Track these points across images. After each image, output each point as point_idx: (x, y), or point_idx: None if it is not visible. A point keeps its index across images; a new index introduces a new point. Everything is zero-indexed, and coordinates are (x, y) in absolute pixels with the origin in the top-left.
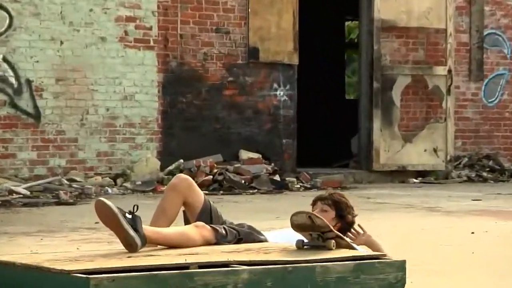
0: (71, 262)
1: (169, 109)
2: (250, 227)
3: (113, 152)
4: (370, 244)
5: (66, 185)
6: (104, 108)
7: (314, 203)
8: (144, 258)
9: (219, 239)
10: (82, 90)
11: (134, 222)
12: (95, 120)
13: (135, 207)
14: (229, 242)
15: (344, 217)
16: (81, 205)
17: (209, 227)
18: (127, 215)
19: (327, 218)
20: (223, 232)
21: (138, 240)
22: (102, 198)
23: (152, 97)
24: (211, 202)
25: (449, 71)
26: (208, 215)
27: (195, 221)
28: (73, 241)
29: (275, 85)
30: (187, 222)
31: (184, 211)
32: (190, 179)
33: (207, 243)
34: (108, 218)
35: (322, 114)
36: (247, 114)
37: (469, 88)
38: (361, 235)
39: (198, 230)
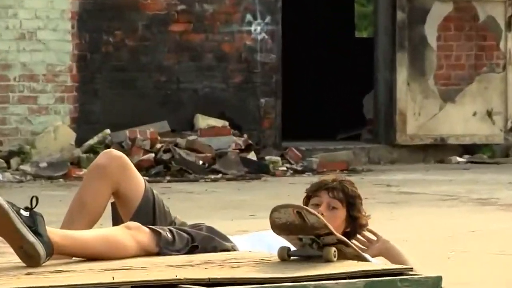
0: None
1: (89, 54)
2: (210, 229)
3: (4, 119)
4: (388, 253)
5: None
6: None
7: (314, 194)
8: (51, 276)
9: (163, 247)
10: None
11: (34, 223)
12: None
13: (34, 200)
14: (179, 252)
15: (357, 219)
16: None
17: (147, 229)
18: (22, 212)
19: (335, 219)
20: (169, 236)
21: (40, 249)
22: None
23: (63, 36)
24: (155, 193)
25: None
26: (149, 212)
27: (129, 221)
28: None
29: (249, 17)
30: (117, 221)
31: (113, 206)
32: (124, 157)
33: (145, 252)
34: None
35: (320, 60)
36: (207, 61)
37: None
38: (374, 242)
39: (132, 233)
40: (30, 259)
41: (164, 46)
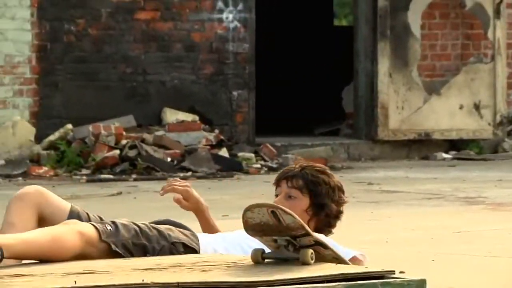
0: None
1: (50, 44)
2: (168, 220)
3: None
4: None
5: None
6: None
7: (276, 184)
8: (10, 281)
9: (107, 238)
10: None
11: None
12: None
13: None
14: (127, 241)
15: (324, 207)
16: None
17: (85, 223)
18: None
19: (296, 209)
20: (109, 228)
21: None
22: None
23: (21, 25)
24: (83, 211)
25: None
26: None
27: None
28: None
29: (220, 4)
30: None
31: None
32: (41, 188)
33: (90, 244)
34: None
35: (297, 50)
36: (175, 51)
37: None
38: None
39: (73, 226)
40: None
41: (130, 35)
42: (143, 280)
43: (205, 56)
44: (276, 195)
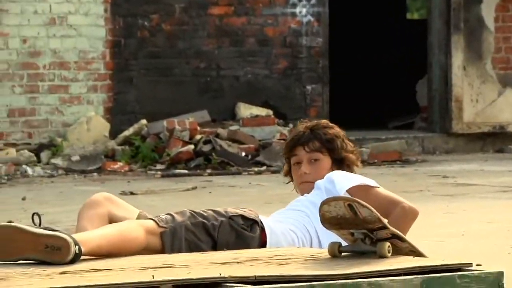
0: None
1: (124, 40)
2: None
3: (33, 110)
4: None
5: None
6: (18, 38)
7: (291, 154)
8: (87, 275)
9: (166, 225)
10: None
11: (47, 228)
12: (4, 58)
13: (36, 217)
14: (187, 229)
15: (344, 159)
16: None
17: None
18: (30, 226)
19: (322, 170)
20: (164, 216)
21: (64, 235)
22: None
23: (95, 20)
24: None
25: None
26: None
27: None
28: None
29: None
30: None
31: None
32: (112, 196)
33: (152, 234)
34: (3, 240)
35: (370, 44)
36: (249, 46)
37: None
38: None
39: (135, 221)
40: (60, 250)
41: (203, 30)
42: (220, 274)
43: (279, 51)
44: (294, 164)
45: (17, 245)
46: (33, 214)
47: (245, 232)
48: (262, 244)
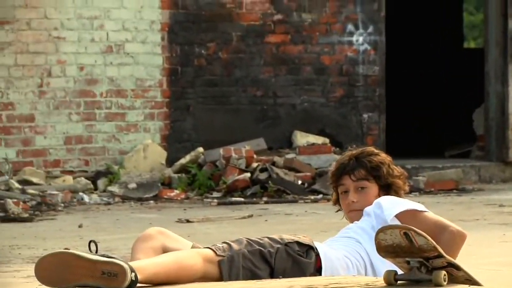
0: None
1: (180, 68)
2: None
3: (90, 137)
4: None
5: (17, 190)
6: (75, 66)
7: (338, 183)
8: None
9: (223, 253)
10: (41, 39)
11: (104, 255)
12: (62, 86)
13: (92, 244)
14: (245, 257)
15: (392, 185)
16: (41, 222)
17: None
18: (87, 253)
19: (369, 197)
20: (221, 245)
21: (120, 262)
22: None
23: (152, 48)
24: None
25: None
26: None
27: None
28: (31, 277)
29: (350, 27)
30: None
31: None
32: (165, 229)
33: (210, 262)
34: (60, 267)
35: (427, 73)
36: (305, 74)
37: None
38: None
39: (193, 250)
40: (116, 277)
41: (260, 58)
42: None
43: (335, 79)
44: (341, 193)
45: (74, 272)
46: (89, 242)
47: (301, 258)
48: (318, 269)
